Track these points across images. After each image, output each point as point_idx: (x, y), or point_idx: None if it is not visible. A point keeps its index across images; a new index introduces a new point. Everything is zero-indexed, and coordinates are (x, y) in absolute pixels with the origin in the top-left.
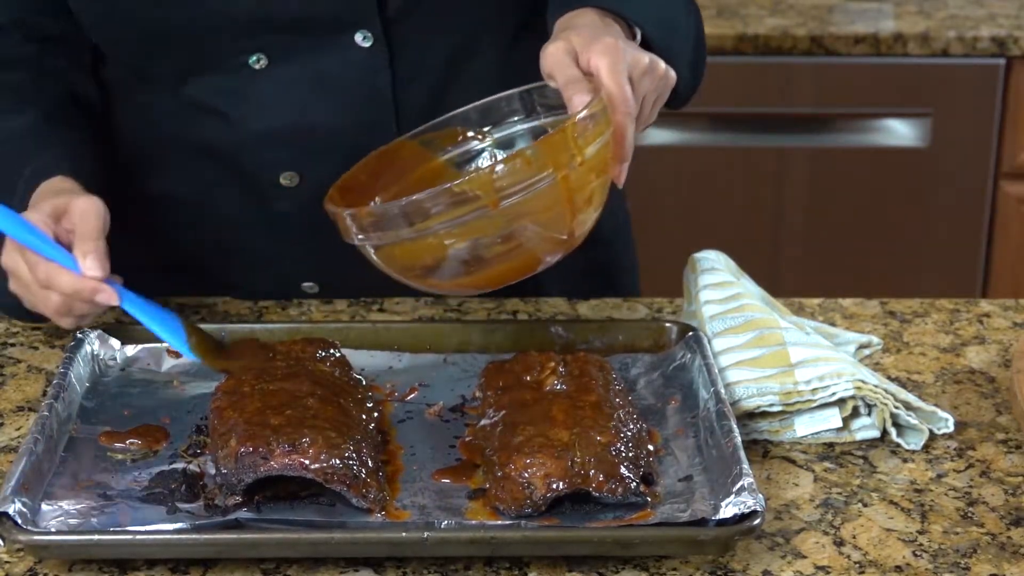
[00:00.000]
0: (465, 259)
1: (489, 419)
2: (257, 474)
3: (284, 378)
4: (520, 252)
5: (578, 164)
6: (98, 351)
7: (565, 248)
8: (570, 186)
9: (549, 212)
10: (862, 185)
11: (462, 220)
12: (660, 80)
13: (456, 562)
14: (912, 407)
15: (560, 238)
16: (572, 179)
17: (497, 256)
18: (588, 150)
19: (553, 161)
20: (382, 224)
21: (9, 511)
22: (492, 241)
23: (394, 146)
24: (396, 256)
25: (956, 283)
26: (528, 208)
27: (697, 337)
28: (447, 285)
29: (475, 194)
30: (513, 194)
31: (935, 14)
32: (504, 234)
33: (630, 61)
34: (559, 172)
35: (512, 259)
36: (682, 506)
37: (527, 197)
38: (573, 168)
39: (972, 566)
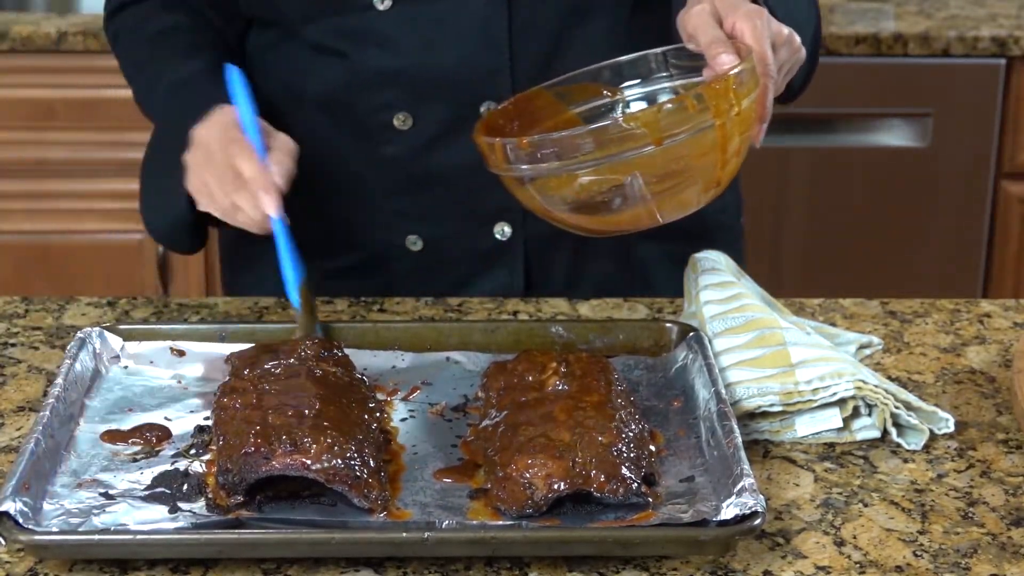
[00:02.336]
0: (620, 196)
1: (491, 419)
2: (259, 474)
3: (286, 378)
4: (671, 194)
5: (734, 115)
6: (100, 350)
7: (711, 195)
8: (725, 134)
9: (704, 157)
10: (862, 185)
11: (624, 156)
12: (795, 52)
13: (457, 562)
14: (912, 407)
15: (709, 184)
16: (728, 128)
17: (647, 196)
18: (744, 102)
19: (715, 108)
20: (548, 154)
21: (10, 511)
22: (648, 180)
23: (530, 94)
24: (548, 188)
25: (956, 283)
26: (687, 151)
27: (698, 337)
28: (595, 222)
29: (641, 131)
30: (677, 135)
31: (936, 14)
32: (660, 174)
33: (773, 29)
34: (719, 119)
35: (662, 200)
36: (683, 507)
37: (688, 139)
38: (730, 118)
39: (972, 566)
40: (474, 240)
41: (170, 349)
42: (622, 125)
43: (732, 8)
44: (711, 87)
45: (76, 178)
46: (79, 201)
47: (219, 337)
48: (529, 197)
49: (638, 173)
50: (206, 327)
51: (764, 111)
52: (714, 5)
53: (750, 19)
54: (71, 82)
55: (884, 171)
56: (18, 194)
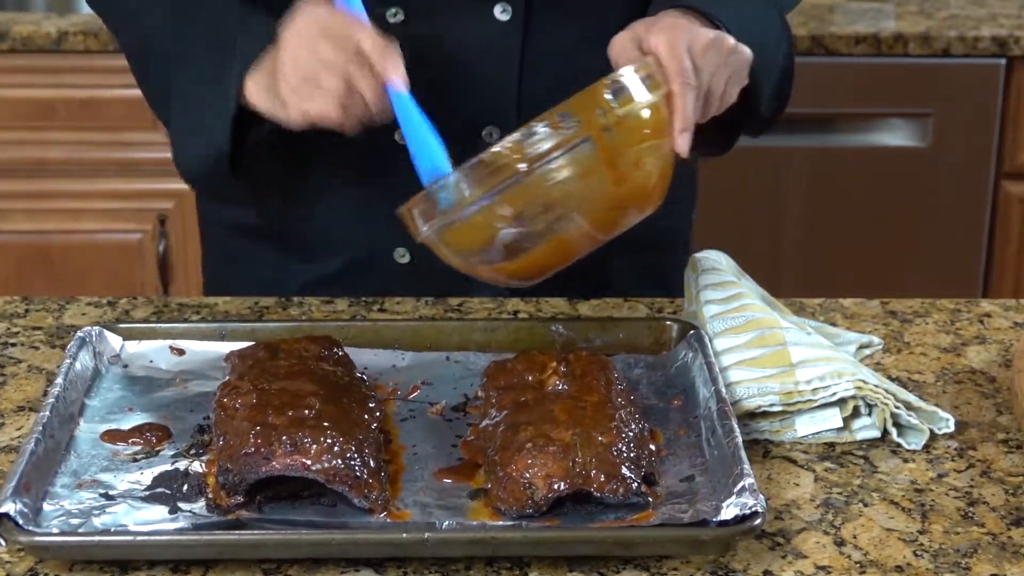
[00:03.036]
0: (518, 235)
1: (491, 419)
2: (259, 474)
3: (286, 377)
4: (567, 225)
5: (613, 124)
6: (100, 349)
7: (624, 214)
8: (608, 148)
9: (589, 176)
10: (862, 185)
11: (499, 189)
12: (729, 55)
13: (457, 562)
14: (913, 407)
15: (607, 205)
16: (610, 140)
17: (547, 230)
18: (623, 110)
19: (585, 121)
20: (428, 211)
21: (10, 511)
22: (536, 211)
23: None
24: (453, 240)
25: (957, 283)
26: (566, 173)
27: (698, 336)
28: (512, 269)
29: (508, 162)
30: (546, 158)
31: (936, 14)
32: (545, 204)
33: (690, 37)
34: (592, 131)
35: (564, 233)
36: (683, 507)
37: (563, 160)
38: (609, 128)
39: (973, 566)
40: None
41: (170, 348)
42: (485, 160)
43: (651, 27)
44: (575, 99)
45: (76, 178)
46: (79, 201)
47: (219, 336)
48: (448, 257)
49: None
50: (206, 326)
51: (680, 120)
52: (634, 30)
53: (664, 32)
54: (71, 82)
55: (884, 171)
56: (18, 194)
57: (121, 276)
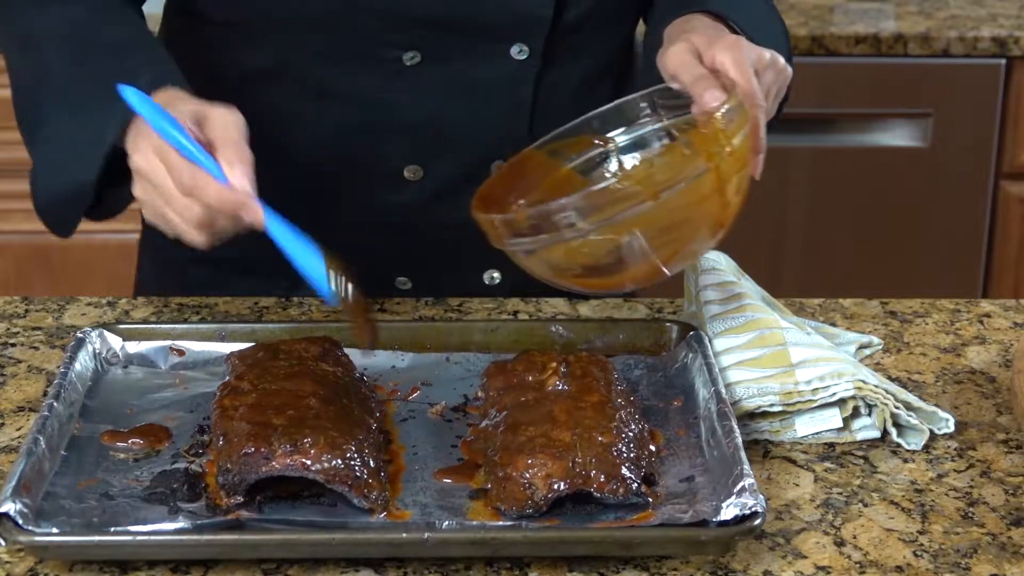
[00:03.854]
0: (622, 255)
1: (491, 419)
2: (259, 474)
3: (286, 378)
4: (676, 245)
5: (727, 154)
6: (100, 350)
7: (717, 238)
8: (721, 176)
9: (704, 203)
10: (862, 185)
11: (623, 216)
12: (780, 74)
13: (457, 563)
14: (913, 407)
15: (714, 228)
16: (723, 169)
17: (653, 250)
18: (735, 140)
19: (706, 152)
20: (546, 225)
21: (9, 511)
22: (650, 234)
23: (522, 157)
24: (552, 258)
25: (956, 283)
26: (685, 199)
27: (698, 336)
28: (601, 283)
29: (636, 188)
30: (672, 186)
31: (936, 14)
32: (662, 227)
33: (754, 56)
34: (712, 162)
35: (666, 252)
36: (683, 507)
37: (685, 188)
38: (724, 159)
39: (973, 566)
40: (463, 285)
41: (170, 349)
42: (616, 187)
43: (710, 42)
44: (699, 132)
45: None
46: None
47: (219, 337)
48: (533, 267)
49: (638, 231)
50: (206, 327)
51: (759, 143)
52: (692, 42)
53: (730, 51)
54: None
55: (884, 171)
56: (18, 194)
57: (121, 277)
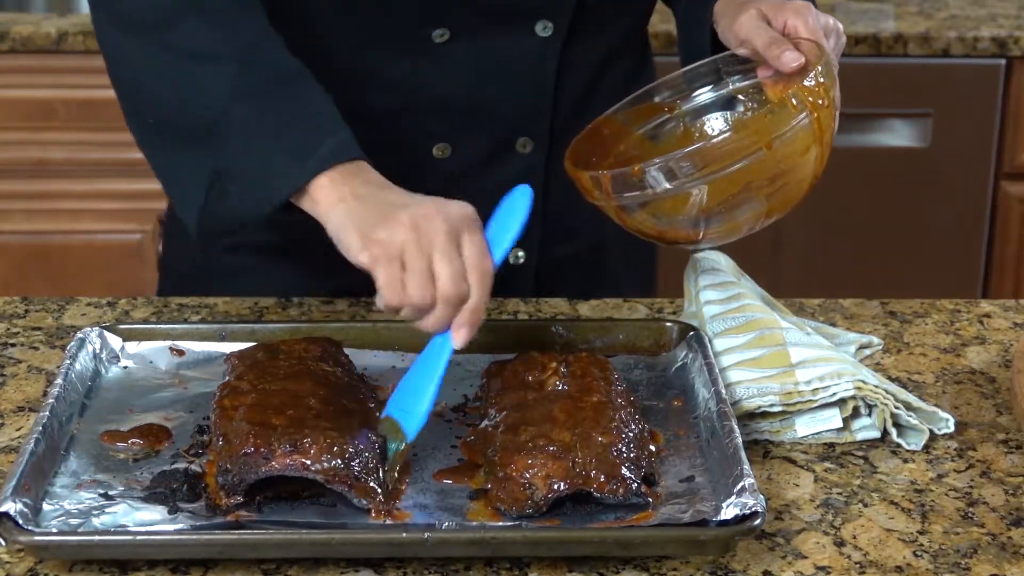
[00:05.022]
0: (732, 205)
1: (491, 419)
2: (259, 474)
3: (286, 378)
4: (780, 193)
5: (825, 106)
6: (99, 350)
7: (811, 189)
8: (822, 127)
9: (807, 152)
10: (862, 185)
11: (738, 165)
12: (840, 38)
13: (457, 563)
14: (912, 407)
15: (812, 177)
16: (822, 120)
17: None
18: (832, 93)
19: (811, 103)
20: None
21: (10, 511)
22: (761, 183)
23: (599, 122)
24: (664, 210)
25: (956, 283)
26: (791, 148)
27: (698, 337)
28: (708, 234)
29: (752, 138)
30: (783, 135)
31: (935, 14)
32: (771, 175)
33: (821, 21)
34: (815, 112)
35: (774, 200)
36: (683, 507)
37: (791, 138)
38: (823, 110)
39: (972, 566)
40: None
41: (170, 349)
42: (732, 137)
43: (779, 8)
44: (804, 86)
45: (76, 178)
46: (79, 201)
47: (219, 337)
48: (640, 222)
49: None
50: (206, 327)
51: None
52: (760, 9)
53: (801, 15)
54: (71, 82)
55: (884, 171)
56: (18, 194)
57: (121, 277)
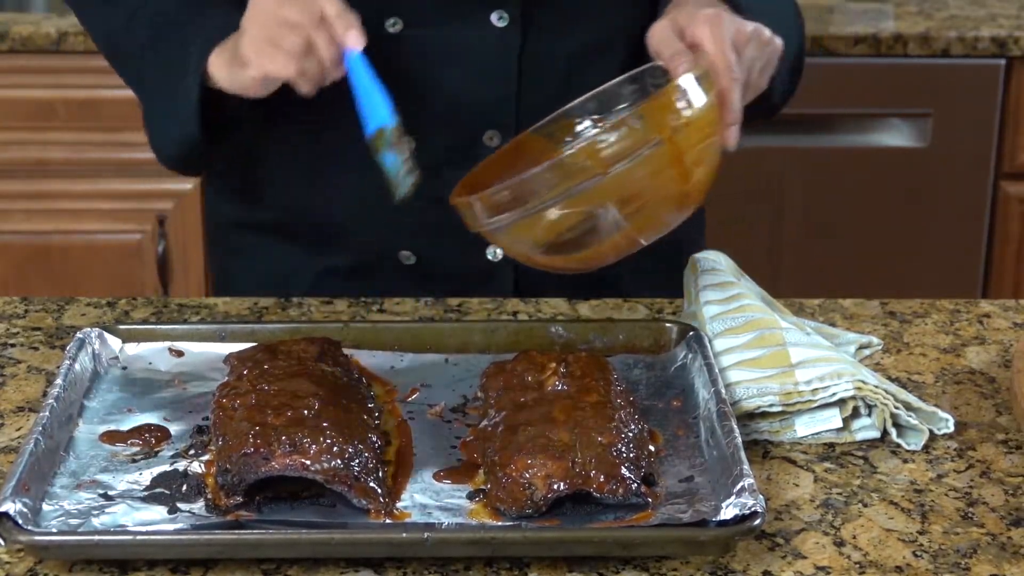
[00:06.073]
0: (586, 230)
1: (490, 420)
2: (258, 474)
3: (285, 378)
4: (641, 216)
5: (682, 125)
6: (99, 350)
7: (683, 208)
8: (677, 148)
9: (661, 175)
10: (862, 185)
11: (577, 190)
12: (765, 46)
13: (456, 563)
14: (912, 407)
15: (678, 198)
16: (678, 140)
17: (616, 225)
18: (690, 113)
19: (658, 124)
20: (503, 204)
21: (9, 511)
22: (607, 209)
23: (517, 142)
24: (522, 235)
25: (956, 283)
26: (640, 172)
27: (698, 337)
28: (577, 260)
29: (586, 163)
30: (620, 159)
31: (935, 14)
32: (621, 199)
33: (733, 28)
34: (664, 134)
35: (637, 223)
36: (683, 507)
37: (636, 162)
38: (678, 130)
39: (972, 566)
40: (466, 260)
41: (169, 349)
42: (569, 161)
43: (691, 17)
44: (650, 105)
45: (76, 178)
46: (79, 201)
47: (219, 337)
48: (508, 246)
49: (609, 203)
50: (206, 327)
51: (729, 114)
52: (675, 18)
53: (707, 24)
54: (71, 82)
55: (884, 171)
56: (18, 194)
57: (121, 276)
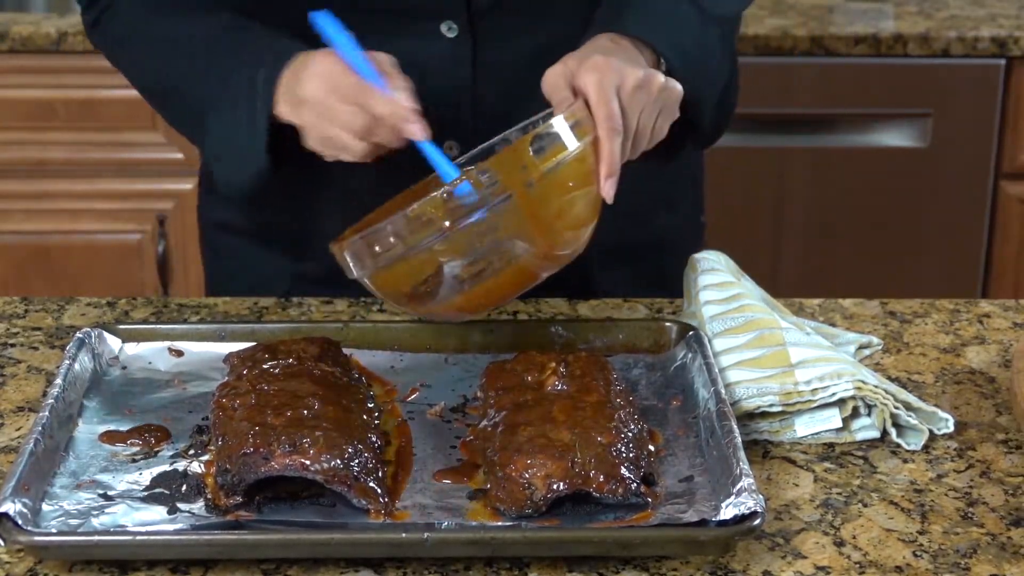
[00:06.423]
0: (443, 282)
1: (490, 419)
2: (258, 474)
3: (285, 378)
4: (495, 271)
5: (536, 180)
6: (99, 350)
7: (549, 261)
8: (531, 202)
9: (511, 229)
10: (862, 185)
11: (425, 243)
12: (658, 93)
13: (456, 563)
14: (912, 407)
15: (532, 254)
16: (533, 195)
17: (473, 277)
18: (547, 165)
19: (507, 178)
20: (360, 254)
21: (9, 511)
22: (461, 264)
23: (425, 184)
24: (386, 285)
25: (956, 283)
26: (487, 227)
27: (697, 337)
28: (440, 308)
29: (432, 217)
30: (468, 214)
31: (935, 14)
32: (470, 255)
33: (619, 77)
34: (514, 189)
35: (492, 279)
36: (683, 507)
37: (484, 216)
38: (532, 184)
39: (972, 566)
40: None
41: (168, 349)
42: (409, 216)
43: (581, 63)
44: (499, 159)
45: (76, 178)
46: (79, 201)
47: (218, 337)
48: (383, 296)
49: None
50: (206, 327)
51: (606, 165)
52: (567, 64)
53: (593, 71)
54: (71, 82)
55: (884, 171)
56: (18, 194)
57: (121, 276)
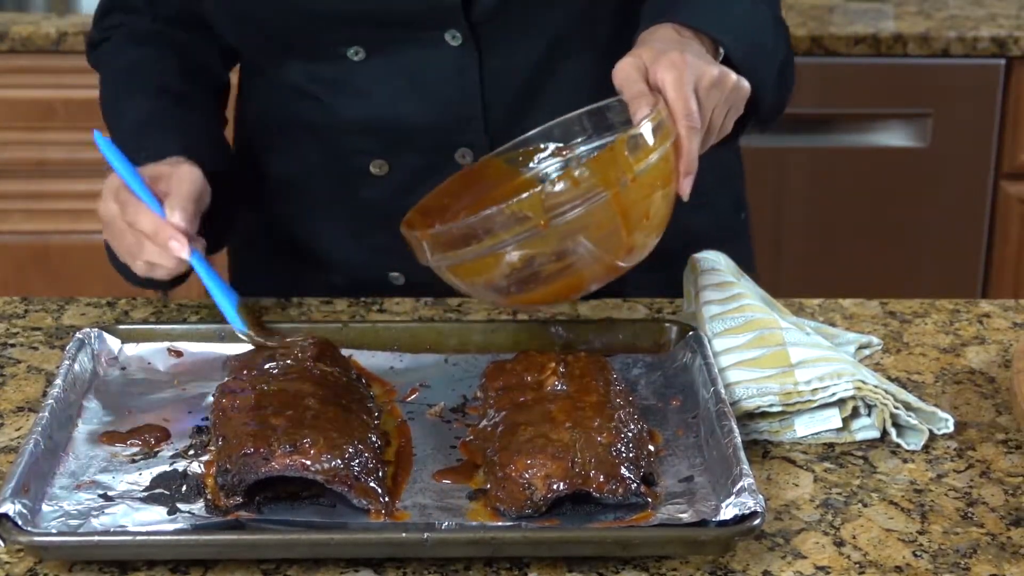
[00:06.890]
0: (526, 276)
1: (490, 419)
2: (258, 475)
3: (285, 379)
4: (578, 268)
5: (630, 180)
6: (99, 351)
7: (625, 262)
8: (623, 202)
9: (602, 228)
10: (862, 185)
11: (517, 239)
12: (730, 92)
13: (456, 563)
14: (912, 407)
15: (617, 252)
16: (625, 195)
17: (557, 272)
18: (640, 166)
19: (603, 179)
20: (445, 244)
21: (9, 512)
22: (548, 259)
23: (479, 165)
24: (464, 274)
25: (956, 283)
26: (580, 225)
27: (697, 337)
28: (518, 300)
29: (526, 214)
30: (563, 213)
31: (935, 14)
32: (558, 251)
33: (696, 74)
34: (610, 189)
35: (572, 274)
36: (683, 507)
37: (579, 215)
38: (625, 184)
39: (972, 566)
40: None
41: (168, 350)
42: (505, 212)
43: (656, 57)
44: (598, 159)
45: (76, 178)
46: (79, 201)
47: (218, 337)
48: (452, 282)
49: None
50: (205, 327)
51: (685, 164)
52: (641, 57)
53: (672, 69)
54: (71, 82)
55: (884, 171)
56: (18, 194)
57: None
